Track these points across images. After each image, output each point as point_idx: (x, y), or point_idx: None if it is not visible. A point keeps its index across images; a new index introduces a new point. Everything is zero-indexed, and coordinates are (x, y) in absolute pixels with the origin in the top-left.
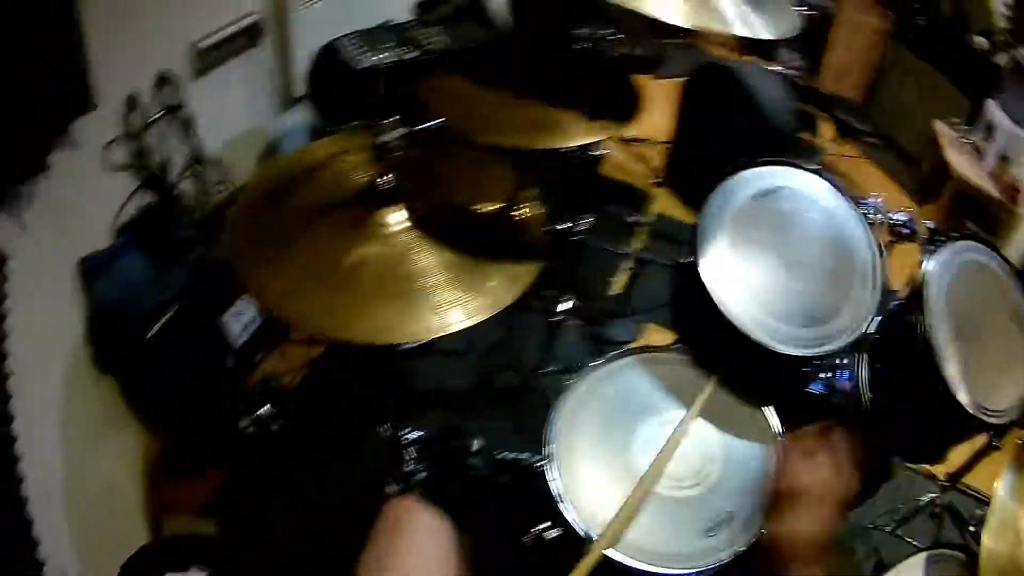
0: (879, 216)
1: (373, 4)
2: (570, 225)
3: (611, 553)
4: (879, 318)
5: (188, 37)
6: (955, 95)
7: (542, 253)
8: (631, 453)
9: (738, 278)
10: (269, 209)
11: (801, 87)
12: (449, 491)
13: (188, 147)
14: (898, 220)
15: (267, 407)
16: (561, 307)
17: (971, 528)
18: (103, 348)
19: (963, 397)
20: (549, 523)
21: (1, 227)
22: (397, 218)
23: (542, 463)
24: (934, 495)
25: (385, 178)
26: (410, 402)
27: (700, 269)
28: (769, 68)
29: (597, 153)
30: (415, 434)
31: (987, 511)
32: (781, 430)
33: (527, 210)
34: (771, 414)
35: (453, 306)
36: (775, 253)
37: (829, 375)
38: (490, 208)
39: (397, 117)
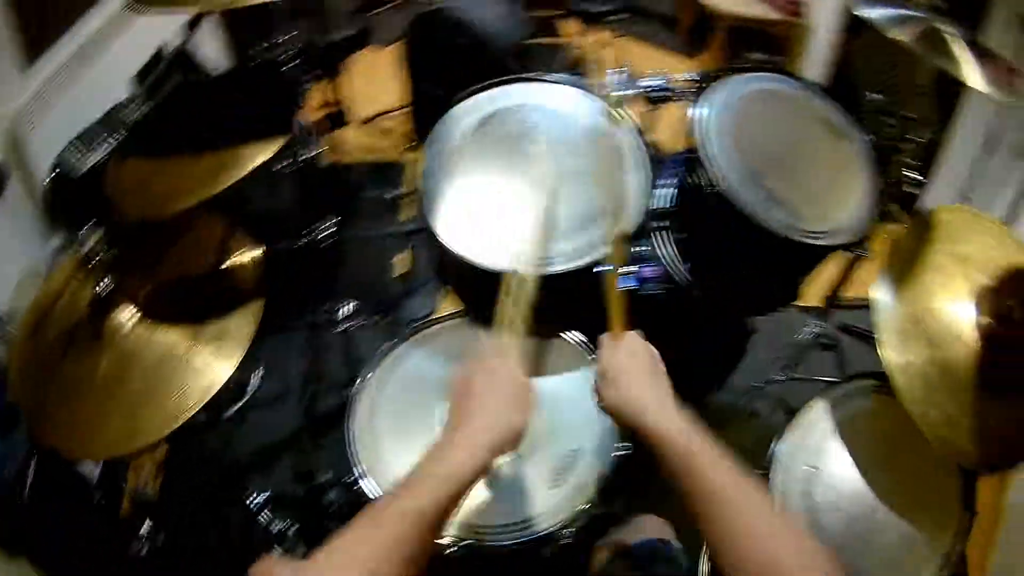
0: (628, 90)
1: (98, 97)
2: (313, 234)
3: (472, 542)
4: (668, 189)
5: None
6: None
7: (259, 289)
8: (435, 431)
9: (483, 219)
10: (35, 355)
11: None
12: (324, 532)
13: None
14: (651, 86)
15: (145, 525)
16: (343, 314)
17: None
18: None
19: (788, 227)
20: None
21: None
22: (127, 315)
23: (354, 480)
24: (816, 327)
25: (102, 284)
26: (254, 464)
27: (436, 229)
28: None
29: (311, 155)
30: (261, 496)
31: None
32: (588, 344)
33: (238, 254)
34: (573, 335)
35: (213, 361)
36: (515, 176)
37: (631, 268)
38: (199, 268)
39: (92, 222)
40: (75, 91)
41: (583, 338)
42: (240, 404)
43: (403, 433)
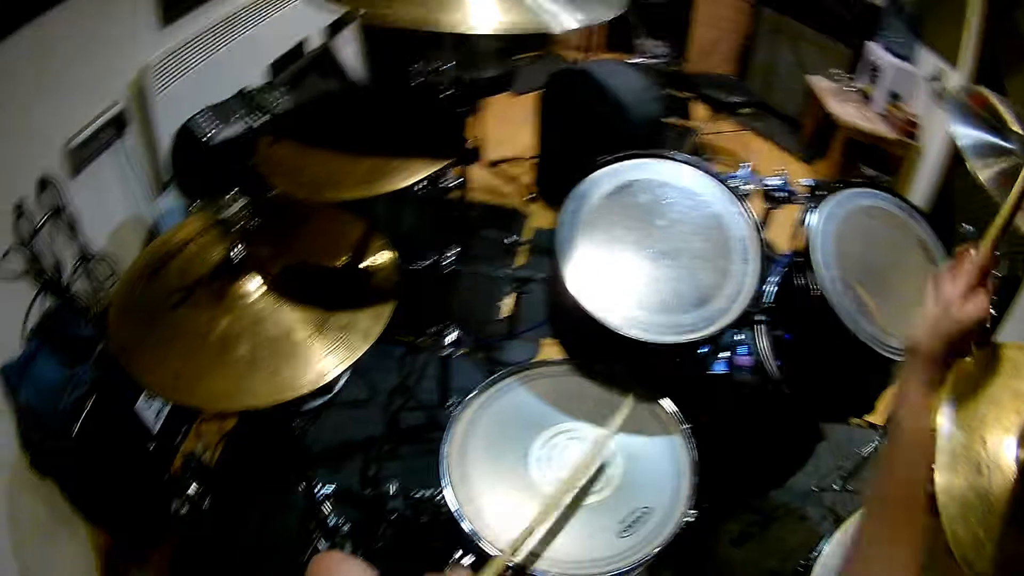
0: (751, 185)
1: (230, 74)
2: (436, 259)
3: (532, 568)
4: (772, 286)
5: (60, 137)
6: (831, 46)
7: (392, 295)
8: (527, 468)
9: (604, 279)
10: (143, 298)
11: (667, 73)
12: (376, 537)
13: (75, 246)
14: (772, 185)
15: (194, 486)
16: (447, 340)
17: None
18: (36, 451)
19: (875, 341)
20: (462, 551)
21: None
22: (254, 285)
23: (439, 495)
24: (877, 443)
25: (235, 251)
26: (323, 458)
27: (565, 279)
28: (629, 61)
29: (450, 184)
30: (328, 488)
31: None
32: (682, 417)
33: (374, 257)
34: (668, 405)
35: (331, 352)
36: (638, 247)
37: (728, 354)
38: (337, 261)
39: (236, 190)
40: (207, 62)
41: (676, 410)
42: (324, 399)
43: (492, 462)
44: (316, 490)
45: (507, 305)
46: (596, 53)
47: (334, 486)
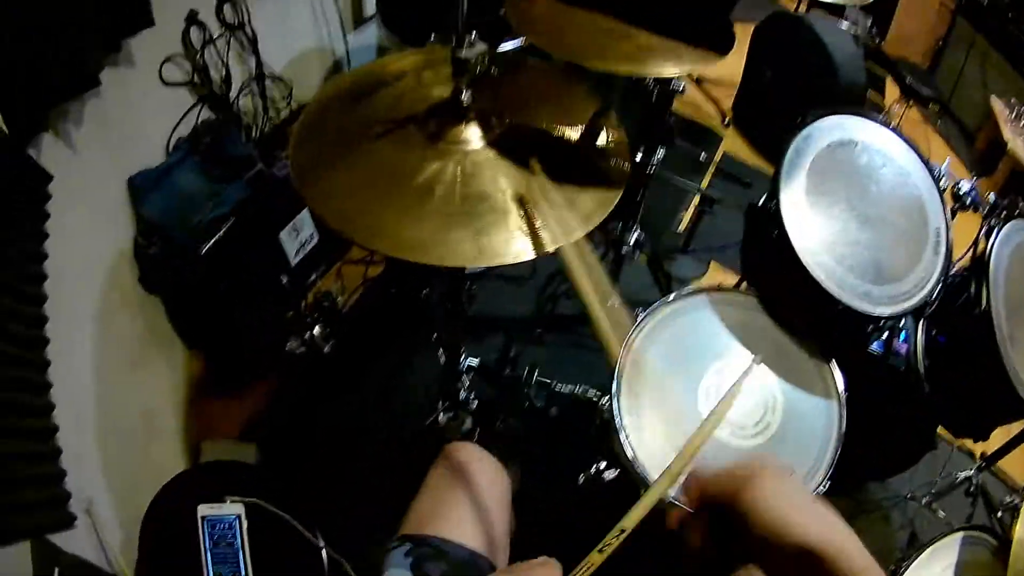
0: (946, 182)
1: None
2: (646, 157)
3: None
4: (941, 285)
5: None
6: (1015, 76)
7: (622, 183)
8: (696, 396)
9: (812, 226)
10: (338, 122)
11: (868, 47)
12: (502, 421)
13: (249, 65)
14: (963, 189)
15: (319, 327)
16: (629, 238)
17: (999, 514)
18: (151, 265)
19: (1015, 373)
20: (606, 463)
21: (48, 145)
22: (472, 136)
23: (606, 400)
24: (971, 473)
25: (463, 95)
26: (467, 326)
27: (782, 213)
28: (838, 25)
29: (677, 88)
30: (472, 361)
31: (1021, 500)
32: (845, 387)
33: (610, 137)
34: (836, 369)
35: (525, 233)
36: (849, 205)
37: (888, 336)
38: (572, 132)
39: (478, 34)
40: None
41: (842, 378)
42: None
43: (662, 379)
44: (462, 359)
45: (685, 219)
46: (803, 5)
47: (479, 360)
